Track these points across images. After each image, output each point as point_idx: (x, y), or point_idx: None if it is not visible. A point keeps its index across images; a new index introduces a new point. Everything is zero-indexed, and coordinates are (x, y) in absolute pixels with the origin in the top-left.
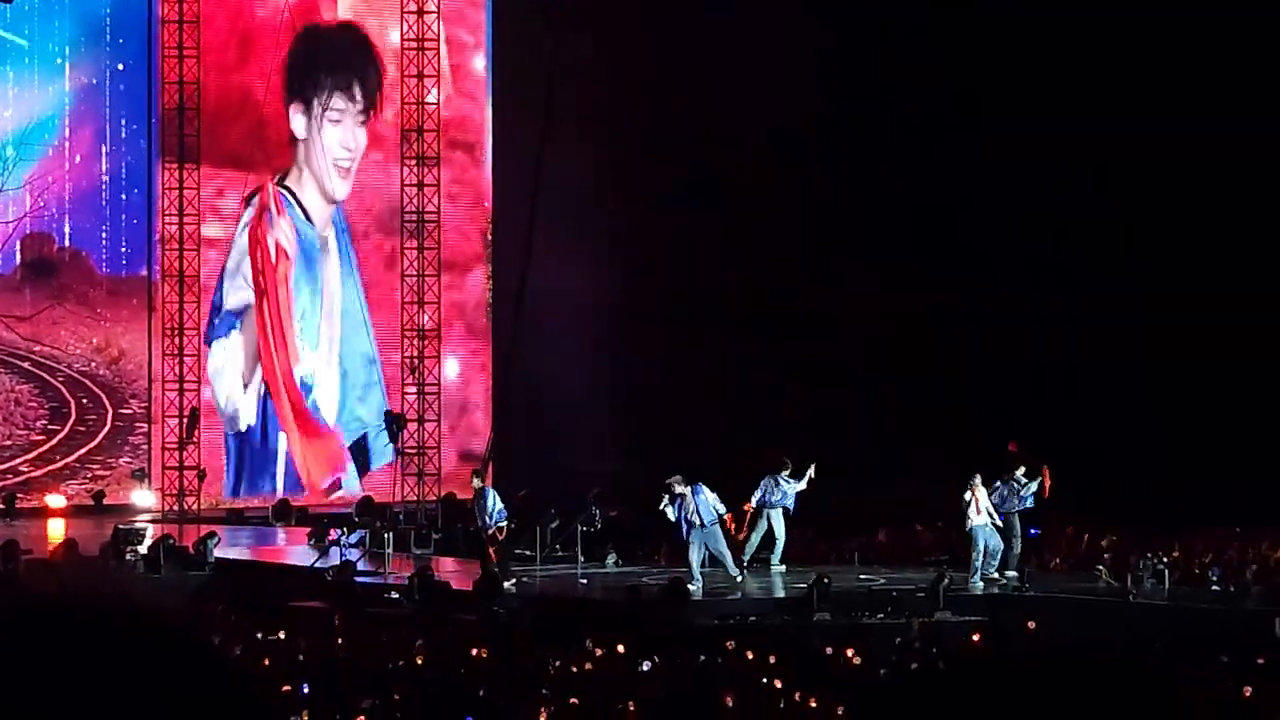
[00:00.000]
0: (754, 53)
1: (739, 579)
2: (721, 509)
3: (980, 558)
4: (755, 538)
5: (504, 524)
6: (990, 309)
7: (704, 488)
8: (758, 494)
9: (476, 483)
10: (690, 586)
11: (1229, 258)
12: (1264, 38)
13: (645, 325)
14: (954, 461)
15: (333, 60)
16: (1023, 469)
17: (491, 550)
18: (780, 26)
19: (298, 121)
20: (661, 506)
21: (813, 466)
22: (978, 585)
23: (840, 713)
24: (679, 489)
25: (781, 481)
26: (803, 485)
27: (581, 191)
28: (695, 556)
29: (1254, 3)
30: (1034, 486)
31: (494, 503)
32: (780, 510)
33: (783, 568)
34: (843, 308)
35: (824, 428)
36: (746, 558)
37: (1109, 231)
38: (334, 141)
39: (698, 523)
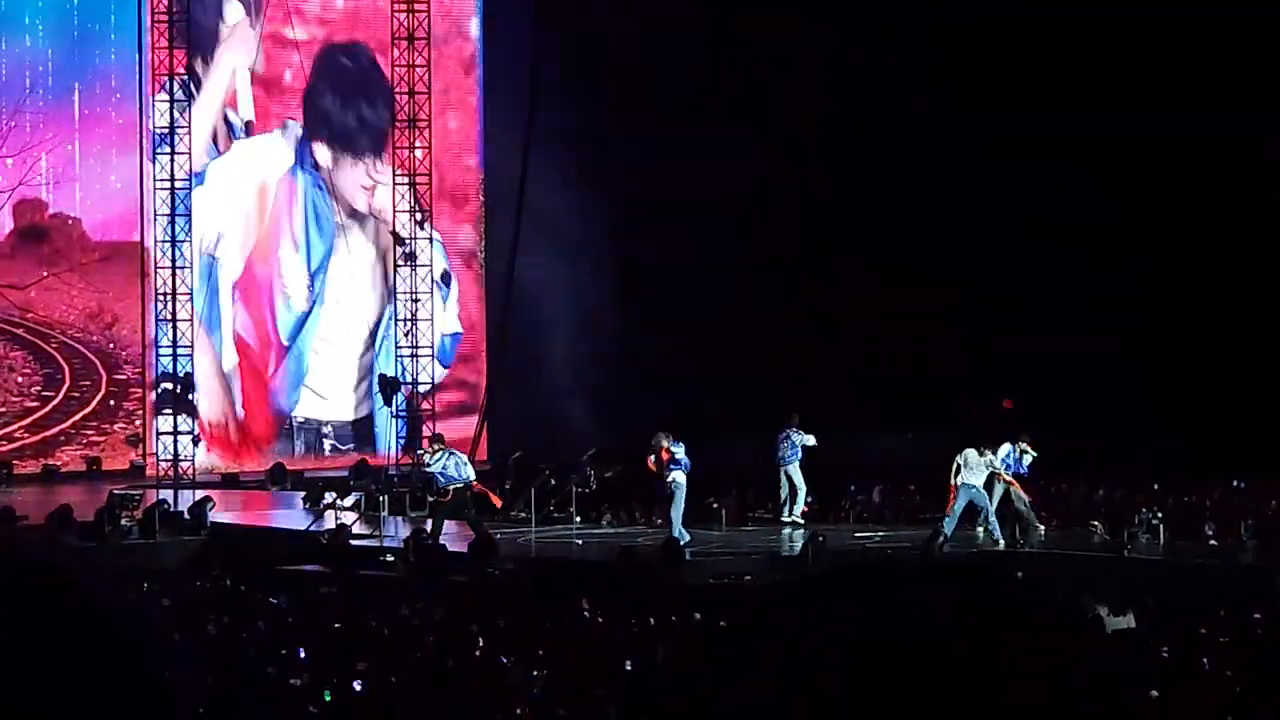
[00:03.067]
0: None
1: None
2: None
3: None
4: (784, 495)
5: (451, 487)
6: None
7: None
8: (777, 452)
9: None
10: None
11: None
12: (1260, 37)
13: (640, 289)
14: (949, 419)
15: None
16: (1028, 438)
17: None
18: (780, 27)
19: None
20: (651, 461)
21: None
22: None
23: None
24: (666, 444)
25: (792, 435)
26: (811, 440)
27: (580, 161)
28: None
29: (1251, 2)
30: (1029, 458)
31: (443, 466)
32: (796, 464)
33: (802, 521)
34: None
35: (819, 384)
36: (787, 515)
37: (1107, 222)
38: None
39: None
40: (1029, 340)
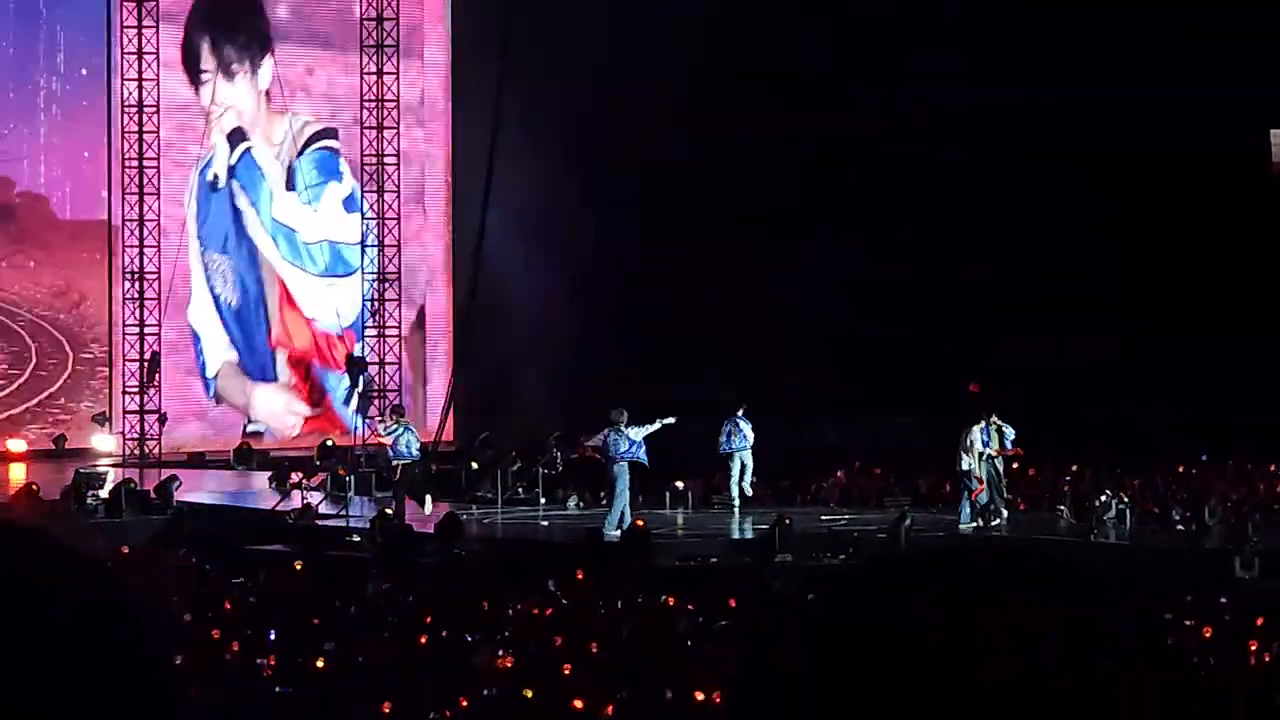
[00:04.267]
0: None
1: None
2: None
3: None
4: (732, 483)
5: (407, 461)
6: (952, 247)
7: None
8: (722, 439)
9: (395, 418)
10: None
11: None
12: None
13: (607, 272)
14: (916, 399)
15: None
16: (995, 416)
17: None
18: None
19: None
20: (595, 440)
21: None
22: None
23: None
24: (623, 420)
25: (740, 423)
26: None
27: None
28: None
29: None
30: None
31: (395, 440)
32: (749, 450)
33: (750, 493)
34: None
35: (784, 368)
36: (736, 501)
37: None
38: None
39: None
40: (993, 324)
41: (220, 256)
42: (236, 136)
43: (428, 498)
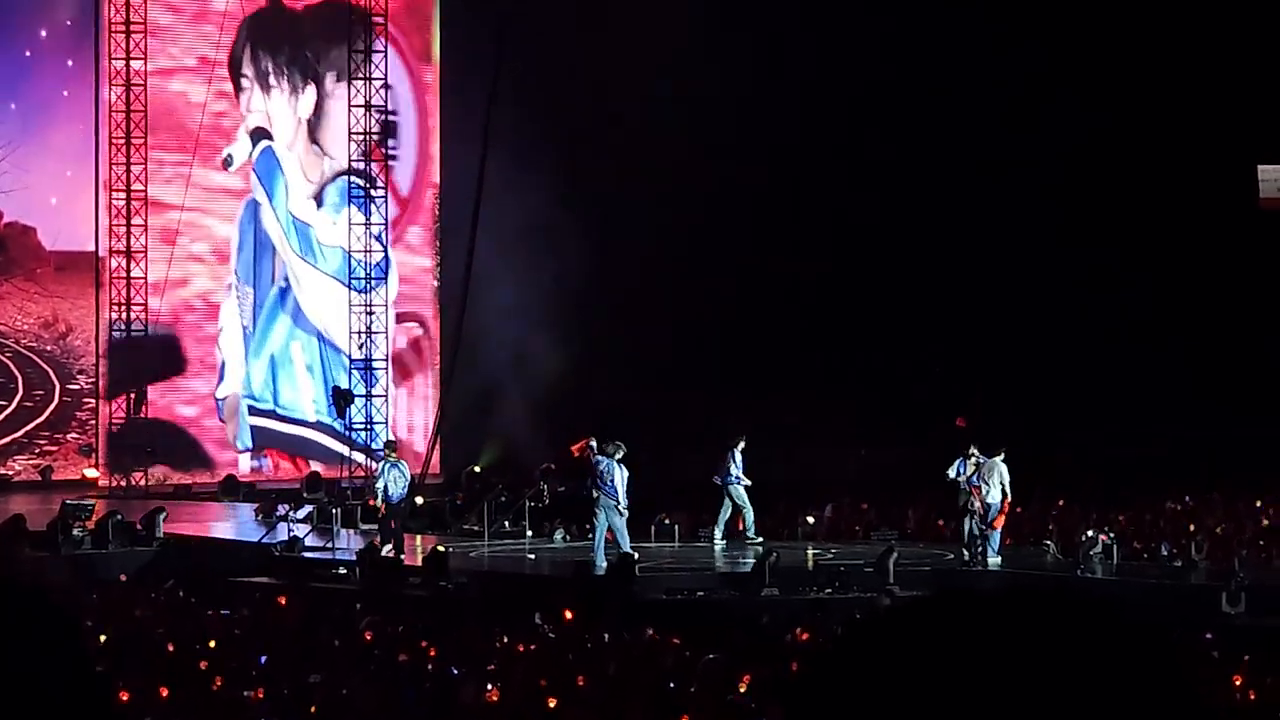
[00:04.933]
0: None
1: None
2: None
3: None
4: (723, 516)
5: (388, 501)
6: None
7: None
8: (719, 472)
9: (387, 453)
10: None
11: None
12: None
13: (592, 306)
14: (902, 432)
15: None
16: (975, 451)
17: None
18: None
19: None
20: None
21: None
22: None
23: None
24: (620, 455)
25: (737, 455)
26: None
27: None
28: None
29: None
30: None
31: (384, 479)
32: (740, 485)
33: (759, 539)
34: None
35: (771, 398)
36: (719, 534)
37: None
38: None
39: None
40: (980, 358)
41: (248, 288)
42: (259, 135)
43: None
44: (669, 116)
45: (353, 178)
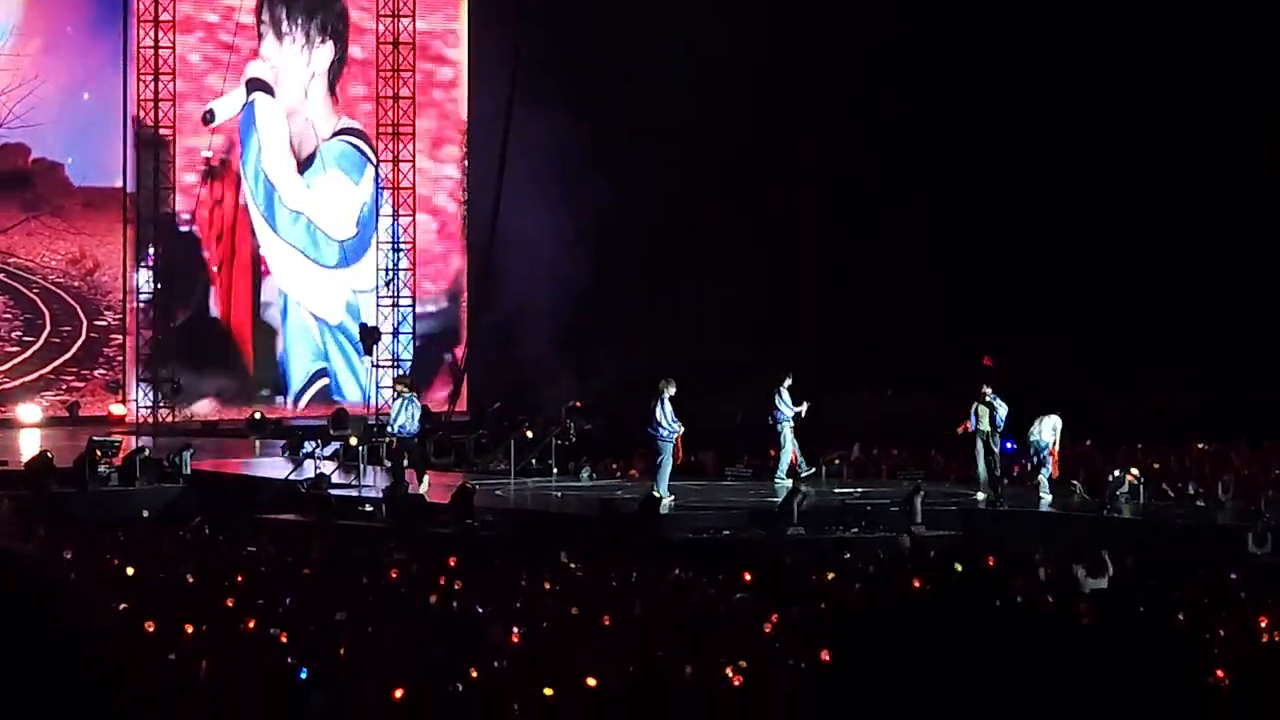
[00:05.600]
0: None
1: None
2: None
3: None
4: (784, 456)
5: (405, 436)
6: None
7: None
8: (771, 413)
9: (401, 389)
10: (660, 496)
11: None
12: None
13: (624, 243)
14: (930, 375)
15: None
16: (989, 391)
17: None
18: None
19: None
20: (654, 407)
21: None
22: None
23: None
24: (670, 391)
25: (784, 393)
26: (797, 409)
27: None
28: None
29: None
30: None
31: (399, 414)
32: (787, 425)
33: (788, 481)
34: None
35: (802, 341)
36: (782, 472)
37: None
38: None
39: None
40: (1008, 299)
41: None
42: (254, 86)
43: (426, 476)
44: (681, 75)
45: (354, 138)
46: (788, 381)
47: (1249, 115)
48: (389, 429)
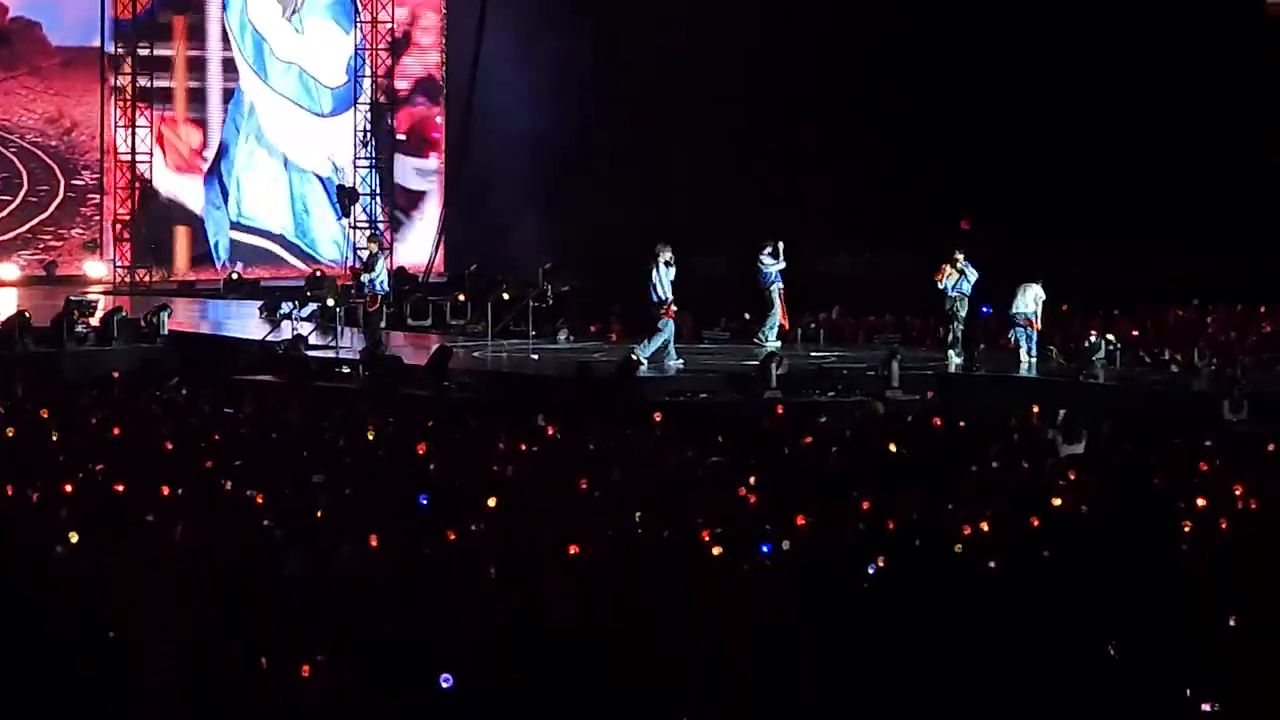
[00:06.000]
0: None
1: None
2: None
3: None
4: (773, 318)
5: (378, 293)
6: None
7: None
8: (757, 278)
9: (372, 247)
10: (671, 362)
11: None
12: None
13: (599, 100)
14: (903, 234)
15: None
16: (960, 256)
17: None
18: None
19: None
20: (653, 274)
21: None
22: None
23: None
24: (665, 256)
25: (765, 258)
26: (781, 264)
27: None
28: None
29: None
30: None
31: (378, 273)
32: (775, 289)
33: (777, 343)
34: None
35: (779, 204)
36: (769, 341)
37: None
38: None
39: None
40: (988, 159)
41: None
42: None
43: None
44: (680, 64)
45: None
46: (768, 248)
47: (1249, 103)
48: (371, 284)
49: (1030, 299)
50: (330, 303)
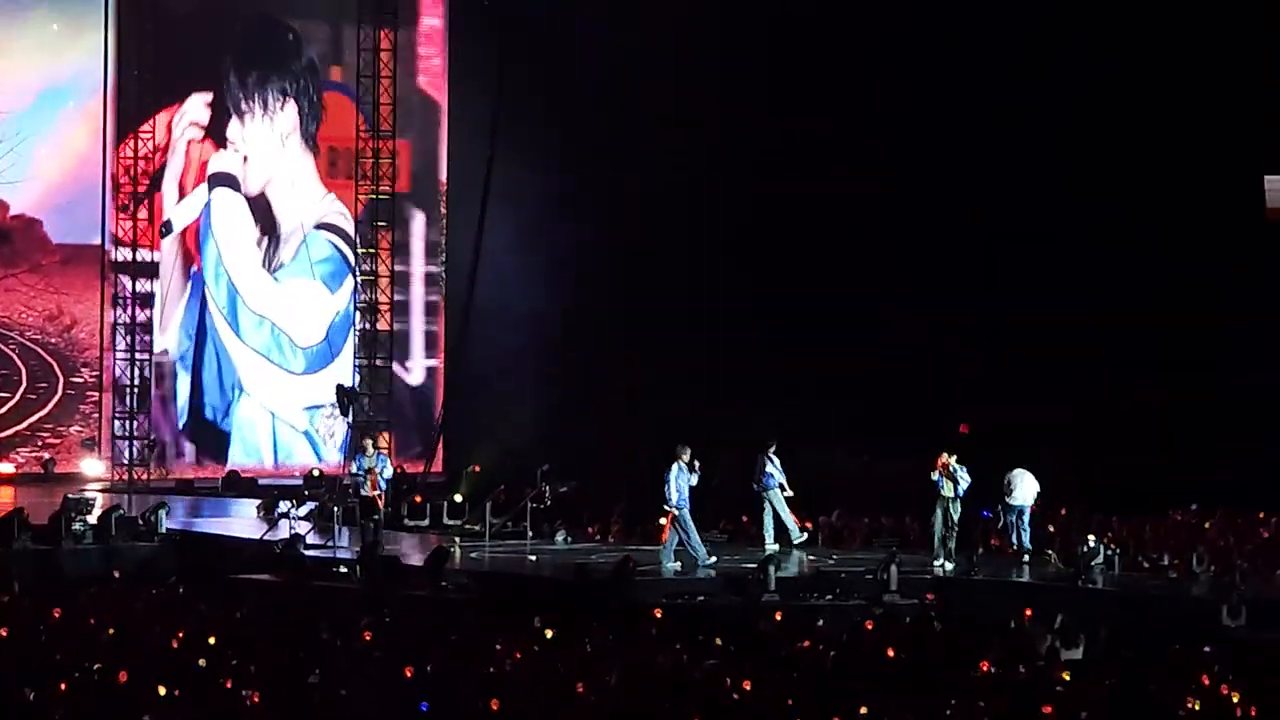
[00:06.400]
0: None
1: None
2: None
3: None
4: (767, 521)
5: (382, 491)
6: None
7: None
8: (755, 478)
9: (366, 444)
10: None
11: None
12: None
13: (599, 306)
14: (904, 438)
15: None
16: (953, 459)
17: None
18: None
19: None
20: (666, 476)
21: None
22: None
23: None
24: (685, 458)
25: (774, 459)
26: (778, 474)
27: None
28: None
29: None
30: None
31: (378, 466)
32: (777, 490)
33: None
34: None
35: (776, 405)
36: (769, 539)
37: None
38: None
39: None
40: (985, 362)
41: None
42: (217, 181)
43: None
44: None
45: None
46: (773, 447)
47: (1250, 103)
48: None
49: (1029, 491)
50: (328, 502)
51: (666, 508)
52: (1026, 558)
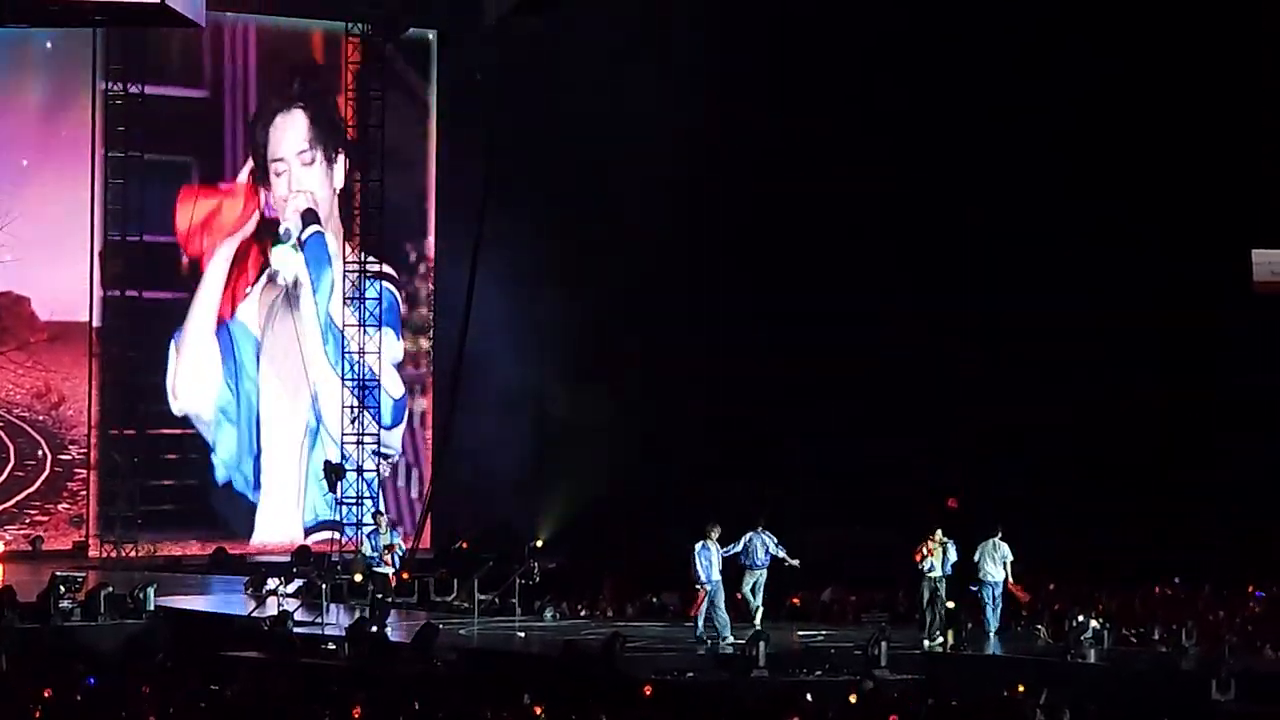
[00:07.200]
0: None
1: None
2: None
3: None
4: (756, 600)
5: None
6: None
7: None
8: (745, 556)
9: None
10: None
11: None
12: None
13: (589, 375)
14: (891, 512)
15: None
16: (941, 534)
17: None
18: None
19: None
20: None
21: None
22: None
23: None
24: (715, 534)
25: (765, 538)
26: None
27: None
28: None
29: None
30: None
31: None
32: (765, 569)
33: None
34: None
35: (765, 477)
36: (757, 621)
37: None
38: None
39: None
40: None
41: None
42: (310, 217)
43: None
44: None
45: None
46: (761, 525)
47: (1250, 104)
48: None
49: (1000, 565)
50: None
51: (697, 586)
52: (992, 636)
